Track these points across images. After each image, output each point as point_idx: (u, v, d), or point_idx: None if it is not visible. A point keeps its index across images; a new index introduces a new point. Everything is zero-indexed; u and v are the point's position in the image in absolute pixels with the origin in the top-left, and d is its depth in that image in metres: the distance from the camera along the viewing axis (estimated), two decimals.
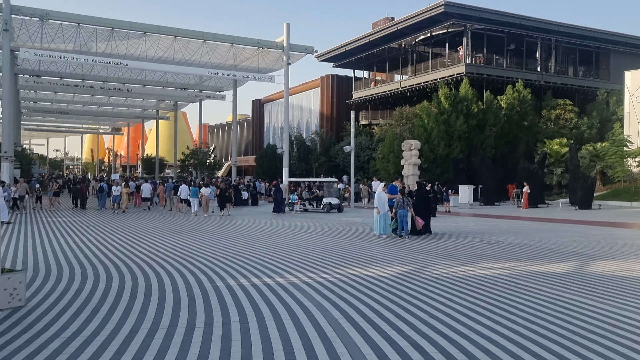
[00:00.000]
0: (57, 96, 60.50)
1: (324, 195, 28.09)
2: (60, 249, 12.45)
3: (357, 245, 13.33)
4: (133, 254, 11.60)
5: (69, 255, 11.32)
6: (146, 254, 11.68)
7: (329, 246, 13.08)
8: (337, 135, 54.71)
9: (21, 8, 30.27)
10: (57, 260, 10.73)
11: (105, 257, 11.15)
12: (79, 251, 12.04)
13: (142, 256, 11.31)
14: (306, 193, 29.74)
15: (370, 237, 15.34)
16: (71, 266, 10.02)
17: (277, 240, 14.32)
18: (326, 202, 27.00)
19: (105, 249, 12.40)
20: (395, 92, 49.03)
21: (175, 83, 50.35)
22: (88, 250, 12.22)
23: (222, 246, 13.07)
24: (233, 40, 36.34)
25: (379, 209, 15.41)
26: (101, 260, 10.69)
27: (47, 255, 11.45)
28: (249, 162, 70.37)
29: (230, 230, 17.06)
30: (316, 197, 28.71)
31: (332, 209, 26.53)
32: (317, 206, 27.86)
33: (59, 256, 11.25)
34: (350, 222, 20.76)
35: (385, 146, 37.76)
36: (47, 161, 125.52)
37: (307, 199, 28.71)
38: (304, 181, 34.11)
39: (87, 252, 11.79)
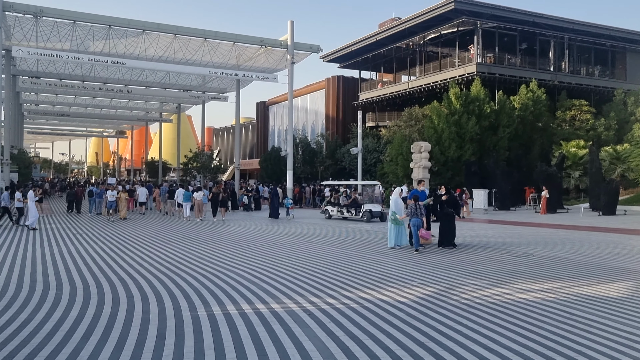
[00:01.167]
0: (58, 98, 59.46)
1: (363, 201, 25.07)
2: (30, 261, 11.00)
3: (368, 258, 11.78)
4: (108, 268, 10.11)
5: (36, 270, 9.86)
6: (125, 267, 10.20)
7: (336, 260, 11.53)
8: (343, 137, 53.17)
9: (14, 4, 29.02)
10: (20, 277, 9.27)
11: (74, 271, 9.67)
12: (49, 264, 10.58)
13: (118, 271, 9.82)
14: (344, 198, 25.81)
15: (382, 248, 13.77)
16: (34, 285, 8.55)
17: (277, 252, 12.79)
18: (366, 209, 23.32)
19: (77, 262, 10.92)
20: (403, 92, 47.45)
21: (177, 84, 49.04)
22: (59, 263, 10.75)
23: (213, 259, 11.57)
24: (235, 39, 34.91)
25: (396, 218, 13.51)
26: (70, 277, 9.20)
27: (14, 270, 10.00)
28: (253, 166, 68.96)
29: (225, 239, 15.56)
30: (354, 203, 24.70)
31: (373, 217, 22.91)
32: (356, 214, 23.62)
33: (24, 271, 9.80)
34: (359, 229, 19.20)
35: (393, 148, 36.15)
36: (52, 165, 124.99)
37: (345, 205, 24.75)
38: (339, 185, 30.76)
39: (58, 266, 10.32)
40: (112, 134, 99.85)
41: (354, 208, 24.04)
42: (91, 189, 27.05)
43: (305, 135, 55.26)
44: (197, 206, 23.30)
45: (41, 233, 17.14)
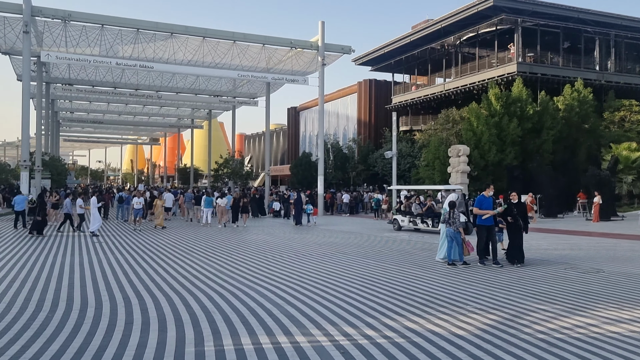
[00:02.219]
0: (92, 106, 59.97)
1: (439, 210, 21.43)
2: (35, 272, 9.99)
3: (409, 274, 10.33)
4: (113, 285, 8.97)
5: (47, 281, 8.81)
6: (134, 282, 9.03)
7: (373, 276, 10.12)
8: (376, 142, 51.67)
9: (42, 9, 28.76)
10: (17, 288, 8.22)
11: (78, 287, 8.57)
12: (53, 278, 9.52)
13: (124, 286, 8.65)
14: (417, 206, 21.69)
15: (424, 260, 12.29)
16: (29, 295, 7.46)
17: (305, 264, 11.46)
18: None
19: (84, 277, 9.84)
20: (439, 95, 45.69)
21: (207, 90, 48.52)
22: (64, 276, 9.70)
23: (233, 272, 10.31)
24: (265, 41, 33.95)
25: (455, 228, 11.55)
26: (70, 296, 8.08)
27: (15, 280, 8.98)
28: (284, 172, 68.10)
29: (250, 249, 14.31)
30: (431, 212, 20.53)
31: None
32: (434, 225, 19.50)
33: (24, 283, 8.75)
34: (396, 238, 17.72)
35: (429, 152, 34.47)
36: (88, 172, 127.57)
37: (419, 214, 20.78)
38: (412, 190, 27.08)
39: (61, 280, 9.26)
40: (146, 141, 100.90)
41: (430, 218, 20.05)
42: (121, 194, 26.31)
43: (337, 140, 53.94)
44: (220, 212, 22.85)
45: (63, 240, 16.28)
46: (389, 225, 22.42)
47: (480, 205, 11.61)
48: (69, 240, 16.73)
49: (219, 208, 22.71)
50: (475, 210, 11.51)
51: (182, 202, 26.38)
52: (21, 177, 28.09)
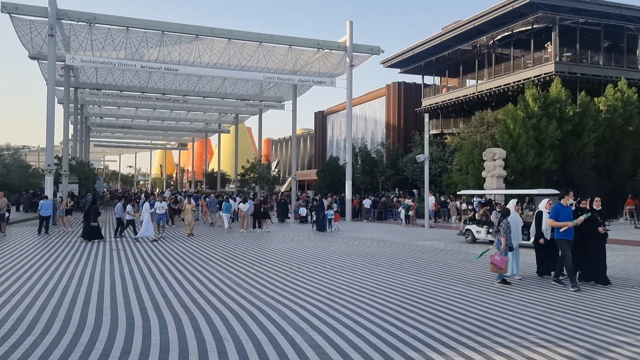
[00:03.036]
0: (120, 111, 60.28)
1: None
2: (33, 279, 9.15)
3: (454, 292, 9.13)
4: (119, 301, 8.03)
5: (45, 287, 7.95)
6: (144, 299, 8.08)
7: (412, 294, 8.97)
8: (405, 146, 50.27)
9: (68, 12, 28.53)
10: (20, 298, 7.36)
11: (80, 304, 7.66)
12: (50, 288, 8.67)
13: (133, 305, 7.70)
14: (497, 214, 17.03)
15: (469, 275, 11.05)
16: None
17: (335, 278, 10.36)
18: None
19: (90, 290, 8.95)
20: (471, 97, 44.07)
21: (234, 94, 47.99)
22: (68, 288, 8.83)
23: (253, 286, 9.28)
24: (291, 42, 33.08)
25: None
26: (68, 315, 7.18)
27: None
28: (311, 177, 67.23)
29: (273, 258, 13.28)
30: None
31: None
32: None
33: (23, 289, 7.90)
34: (432, 248, 16.46)
35: (463, 156, 33.00)
36: (119, 177, 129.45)
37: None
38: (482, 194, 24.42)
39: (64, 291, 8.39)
40: (175, 146, 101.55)
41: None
42: (141, 201, 25.74)
43: (365, 144, 52.72)
44: (242, 218, 22.29)
45: (77, 248, 15.57)
46: (460, 236, 19.10)
47: (557, 216, 9.70)
48: (94, 247, 16.01)
49: (241, 213, 22.19)
50: (550, 222, 9.78)
51: (204, 206, 25.72)
52: (46, 182, 27.78)
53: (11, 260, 12.85)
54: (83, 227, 18.35)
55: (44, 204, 21.85)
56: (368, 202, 32.80)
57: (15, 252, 14.39)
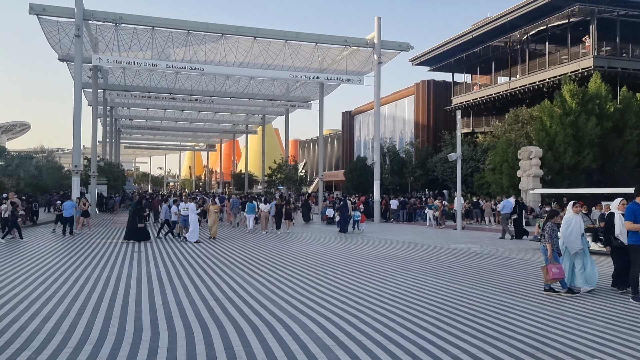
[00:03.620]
0: (149, 112, 60.73)
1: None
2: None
3: (498, 303, 8.26)
4: (130, 310, 7.43)
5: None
6: (157, 308, 7.47)
7: (450, 305, 8.13)
8: (434, 145, 49.03)
9: (94, 12, 28.50)
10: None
11: (88, 313, 7.09)
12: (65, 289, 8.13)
13: (143, 314, 7.09)
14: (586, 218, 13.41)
15: (510, 283, 10.13)
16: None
17: (363, 285, 9.58)
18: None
19: (103, 297, 8.39)
20: (503, 94, 42.62)
21: (260, 94, 47.62)
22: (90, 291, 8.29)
23: (277, 293, 8.59)
24: (318, 39, 32.42)
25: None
26: (72, 326, 6.60)
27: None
28: (338, 177, 66.49)
29: (298, 261, 12.58)
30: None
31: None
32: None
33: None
34: (464, 251, 15.51)
35: (497, 155, 31.79)
36: (149, 178, 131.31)
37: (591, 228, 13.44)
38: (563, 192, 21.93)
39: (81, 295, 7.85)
40: (203, 147, 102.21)
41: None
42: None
43: (394, 144, 51.66)
44: (264, 218, 21.97)
45: (97, 250, 15.18)
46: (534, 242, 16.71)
47: (635, 218, 8.22)
48: (115, 249, 15.61)
49: (262, 214, 21.81)
50: (630, 225, 8.31)
51: (227, 207, 25.28)
52: (72, 183, 27.77)
53: (25, 263, 12.48)
54: (127, 228, 17.99)
55: (65, 204, 21.66)
56: (395, 202, 31.91)
57: (30, 255, 14.06)
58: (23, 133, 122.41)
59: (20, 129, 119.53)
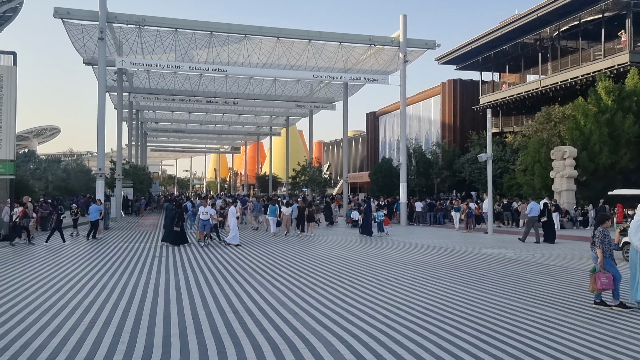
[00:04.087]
0: (174, 115, 61.01)
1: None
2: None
3: (540, 317, 7.54)
4: (143, 323, 6.96)
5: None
6: (172, 321, 6.99)
7: (488, 318, 7.45)
8: (461, 146, 47.90)
9: (117, 15, 28.47)
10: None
11: (98, 327, 6.65)
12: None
13: (156, 328, 6.61)
14: None
15: (550, 294, 9.36)
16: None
17: (388, 294, 8.95)
18: None
19: (116, 308, 7.96)
20: (534, 93, 41.33)
21: (284, 95, 47.24)
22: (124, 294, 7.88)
23: (296, 299, 8.04)
24: (341, 39, 31.83)
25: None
26: (80, 342, 6.15)
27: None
28: (363, 179, 65.76)
29: (321, 268, 12.01)
30: None
31: None
32: None
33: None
34: (497, 257, 14.71)
35: (528, 155, 30.70)
36: (175, 181, 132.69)
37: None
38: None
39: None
40: (228, 150, 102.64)
41: None
42: (186, 204, 25.07)
43: (420, 144, 50.68)
44: (285, 221, 21.79)
45: (116, 255, 14.88)
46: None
47: None
48: (136, 254, 15.29)
49: (284, 217, 21.58)
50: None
51: (250, 208, 24.94)
52: (97, 186, 27.75)
53: (42, 270, 12.19)
54: (165, 231, 17.84)
55: (91, 208, 21.52)
56: (420, 204, 31.16)
57: (49, 261, 13.81)
58: (53, 137, 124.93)
59: (51, 133, 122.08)
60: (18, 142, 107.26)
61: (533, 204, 19.91)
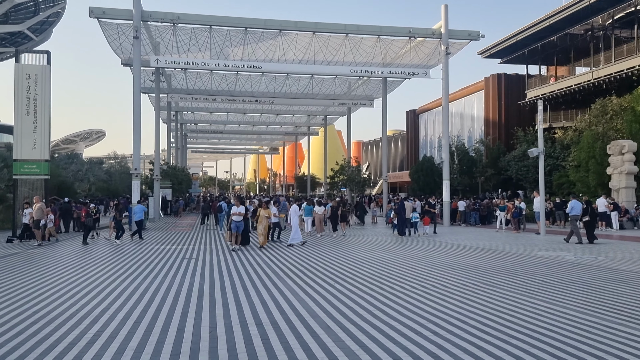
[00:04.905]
0: (212, 116, 61.05)
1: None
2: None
3: (620, 333, 6.25)
4: (152, 338, 6.06)
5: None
6: (184, 334, 6.07)
7: (562, 336, 6.19)
8: (507, 143, 45.77)
9: (152, 13, 28.15)
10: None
11: (103, 338, 5.79)
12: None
13: (168, 339, 5.70)
14: None
15: (629, 306, 7.99)
16: None
17: (438, 304, 7.78)
18: None
19: (129, 316, 7.10)
20: (585, 85, 38.94)
21: (321, 94, 46.27)
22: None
23: (329, 309, 6.99)
24: (380, 32, 30.58)
25: None
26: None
27: None
28: (403, 178, 64.20)
29: (359, 270, 10.90)
30: None
31: None
32: None
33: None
34: (555, 260, 13.23)
35: (582, 150, 28.66)
36: (216, 182, 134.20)
37: None
38: None
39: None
40: (267, 150, 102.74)
41: None
42: (220, 203, 24.38)
43: (462, 142, 48.76)
44: (318, 221, 21.08)
45: (147, 256, 14.21)
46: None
47: None
48: (165, 256, 14.60)
49: (317, 217, 20.82)
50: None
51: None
52: (133, 186, 27.47)
53: (60, 273, 11.57)
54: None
55: (135, 208, 21.10)
56: (462, 204, 29.61)
57: (70, 264, 13.22)
58: (99, 140, 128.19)
59: (97, 136, 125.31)
60: (66, 145, 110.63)
61: (574, 203, 18.80)
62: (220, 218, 23.78)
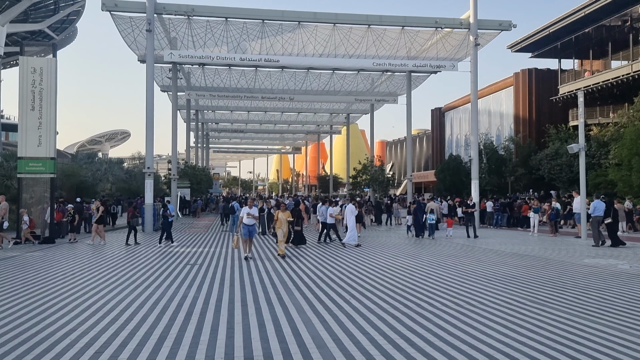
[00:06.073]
0: (233, 115, 60.18)
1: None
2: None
3: None
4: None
5: None
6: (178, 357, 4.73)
7: None
8: (538, 141, 43.56)
9: (166, 5, 27.08)
10: None
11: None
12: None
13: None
14: None
15: None
16: None
17: (477, 323, 6.25)
18: None
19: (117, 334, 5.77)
20: (623, 79, 36.60)
21: (343, 90, 44.77)
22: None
23: (358, 325, 5.56)
24: (404, 22, 28.93)
25: None
26: None
27: None
28: (428, 178, 62.27)
29: (380, 279, 9.42)
30: None
31: None
32: None
33: None
34: (607, 269, 11.49)
35: (624, 147, 26.56)
36: (239, 182, 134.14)
37: None
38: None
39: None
40: (289, 150, 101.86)
41: None
42: (233, 204, 23.09)
43: (491, 140, 46.67)
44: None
45: (149, 261, 12.98)
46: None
47: None
48: (170, 260, 13.35)
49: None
50: None
51: (303, 211, 22.67)
52: (145, 185, 26.43)
53: (62, 279, 10.36)
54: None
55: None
56: (491, 204, 27.85)
57: (74, 268, 12.04)
58: (124, 140, 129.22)
59: (122, 136, 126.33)
60: (91, 146, 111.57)
61: (597, 203, 17.19)
62: (234, 220, 22.40)
